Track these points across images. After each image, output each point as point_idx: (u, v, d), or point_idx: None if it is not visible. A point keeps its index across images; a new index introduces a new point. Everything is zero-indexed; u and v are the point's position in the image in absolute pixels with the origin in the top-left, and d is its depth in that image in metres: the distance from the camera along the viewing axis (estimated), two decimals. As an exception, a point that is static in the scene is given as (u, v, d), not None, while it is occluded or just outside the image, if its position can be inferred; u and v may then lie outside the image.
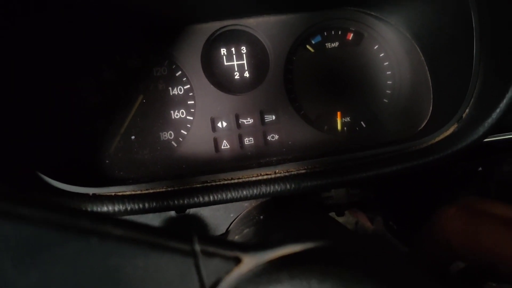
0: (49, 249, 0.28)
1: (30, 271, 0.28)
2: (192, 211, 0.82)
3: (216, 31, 0.86)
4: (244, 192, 0.65)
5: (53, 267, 0.29)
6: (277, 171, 0.70)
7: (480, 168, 0.97)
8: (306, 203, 0.81)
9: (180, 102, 0.86)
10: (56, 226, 0.29)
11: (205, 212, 0.83)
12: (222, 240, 0.35)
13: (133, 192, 0.66)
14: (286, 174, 0.69)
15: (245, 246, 0.34)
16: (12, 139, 0.66)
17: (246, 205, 0.83)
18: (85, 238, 0.29)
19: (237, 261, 0.34)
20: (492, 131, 0.67)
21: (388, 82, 0.91)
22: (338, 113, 0.91)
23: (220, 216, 0.83)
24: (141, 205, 0.63)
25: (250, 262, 0.34)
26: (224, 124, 0.85)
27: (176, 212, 0.80)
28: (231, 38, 0.87)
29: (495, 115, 0.65)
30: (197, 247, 0.33)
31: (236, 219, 0.80)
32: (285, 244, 0.35)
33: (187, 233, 0.33)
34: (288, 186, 0.66)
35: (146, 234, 0.32)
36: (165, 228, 0.32)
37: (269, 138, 0.86)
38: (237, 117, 0.85)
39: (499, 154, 0.97)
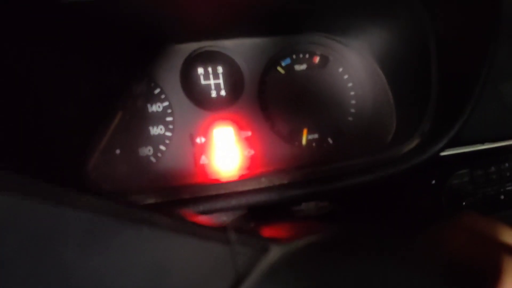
0: (108, 236, 0.30)
1: (89, 257, 0.30)
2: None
3: (194, 51, 0.90)
4: (233, 202, 0.68)
5: (109, 253, 0.30)
6: (260, 182, 0.73)
7: (433, 181, 1.07)
8: (282, 215, 0.85)
9: (159, 118, 0.88)
10: (114, 216, 0.31)
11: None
12: (253, 231, 0.38)
13: (122, 204, 0.66)
14: (270, 185, 0.73)
15: (273, 237, 0.38)
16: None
17: (225, 219, 0.85)
18: (138, 227, 0.32)
19: (266, 250, 0.37)
20: (450, 145, 0.75)
21: (352, 102, 0.99)
22: (304, 130, 0.98)
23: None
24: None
25: (278, 251, 0.37)
26: (203, 139, 0.88)
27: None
28: (208, 58, 0.91)
29: (453, 130, 0.73)
30: (232, 236, 0.36)
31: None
32: (307, 235, 0.39)
33: (222, 223, 0.36)
34: (273, 195, 0.70)
35: (189, 224, 0.34)
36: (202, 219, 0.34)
37: (245, 152, 0.90)
38: (215, 133, 0.89)
39: (450, 168, 1.08)
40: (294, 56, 0.98)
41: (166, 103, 0.88)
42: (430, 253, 0.53)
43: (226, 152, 0.89)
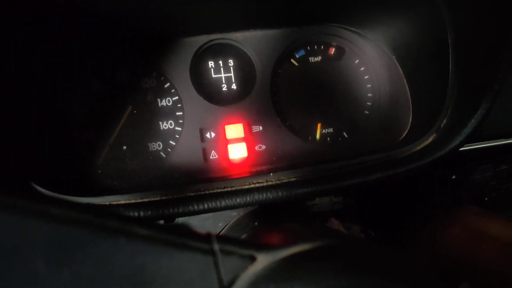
0: (80, 248, 0.30)
1: (62, 269, 0.29)
2: (181, 220, 0.83)
3: (204, 44, 0.88)
4: (238, 200, 0.67)
5: (83, 265, 0.30)
6: (268, 179, 0.72)
7: (453, 176, 1.03)
8: (293, 211, 0.83)
9: (168, 113, 0.87)
10: (87, 226, 0.30)
11: (194, 221, 0.84)
12: (238, 240, 0.37)
13: (127, 202, 0.66)
14: (278, 182, 0.71)
15: (260, 245, 0.36)
16: (3, 150, 0.66)
17: (234, 214, 0.84)
18: (113, 238, 0.31)
19: (252, 259, 0.36)
20: (468, 140, 0.72)
21: (369, 95, 0.96)
22: (318, 124, 0.95)
23: (209, 225, 0.84)
24: (136, 214, 0.64)
25: (264, 260, 0.36)
26: (213, 134, 0.87)
27: (165, 221, 0.81)
28: (219, 51, 0.90)
29: (471, 125, 0.69)
30: (216, 246, 0.34)
31: (226, 227, 0.81)
32: (297, 243, 0.37)
33: (206, 233, 0.35)
34: (280, 193, 0.68)
35: (169, 234, 0.33)
36: (185, 229, 0.33)
37: (256, 148, 0.89)
38: (225, 128, 0.87)
39: (471, 163, 1.03)
40: (308, 48, 0.95)
41: (176, 98, 0.87)
42: (420, 259, 0.51)
43: (236, 147, 0.88)
